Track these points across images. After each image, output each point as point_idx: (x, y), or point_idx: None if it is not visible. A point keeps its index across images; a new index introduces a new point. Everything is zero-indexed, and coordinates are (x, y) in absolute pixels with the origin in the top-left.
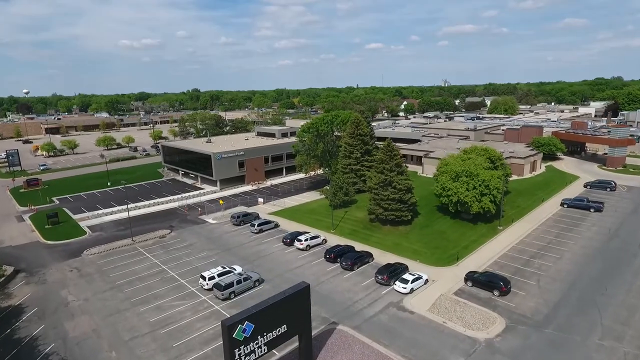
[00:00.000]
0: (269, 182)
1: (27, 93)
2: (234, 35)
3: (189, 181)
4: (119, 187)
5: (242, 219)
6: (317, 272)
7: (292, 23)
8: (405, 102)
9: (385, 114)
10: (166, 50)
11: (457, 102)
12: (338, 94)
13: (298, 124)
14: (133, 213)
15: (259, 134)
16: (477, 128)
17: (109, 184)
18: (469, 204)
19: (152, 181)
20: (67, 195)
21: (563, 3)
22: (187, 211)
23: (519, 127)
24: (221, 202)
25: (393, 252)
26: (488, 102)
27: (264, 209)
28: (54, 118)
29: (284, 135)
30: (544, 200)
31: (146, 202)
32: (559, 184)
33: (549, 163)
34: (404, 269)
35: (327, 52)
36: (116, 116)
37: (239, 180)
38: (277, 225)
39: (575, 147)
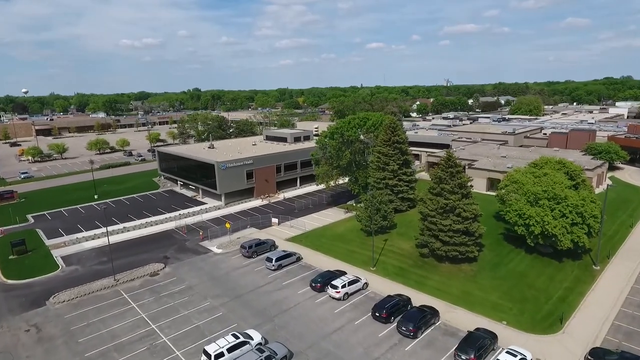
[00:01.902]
0: (282, 195)
1: (26, 93)
2: (235, 35)
3: (189, 193)
4: (108, 200)
5: (255, 250)
6: (367, 341)
7: (293, 23)
8: (417, 102)
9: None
10: (167, 50)
11: (470, 101)
12: (343, 93)
13: (310, 126)
14: (120, 237)
15: (268, 138)
16: (516, 132)
17: (95, 197)
18: (558, 237)
19: (147, 193)
20: (45, 212)
21: (565, 2)
22: (185, 233)
23: (566, 130)
24: (228, 225)
25: (464, 306)
26: (502, 102)
27: (279, 233)
28: (47, 118)
29: (297, 139)
30: (632, 225)
31: (137, 222)
32: (638, 201)
33: (610, 174)
34: (493, 339)
35: (328, 52)
36: (112, 117)
37: (247, 193)
38: (299, 259)
39: (634, 155)
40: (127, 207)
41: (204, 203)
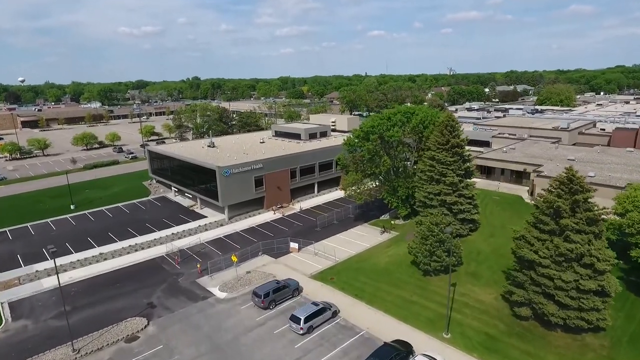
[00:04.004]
0: (297, 206)
1: (22, 81)
2: (234, 22)
3: (185, 202)
4: (87, 212)
5: (273, 298)
6: None
7: (294, 9)
8: (432, 92)
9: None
10: (166, 38)
11: (486, 90)
12: (349, 81)
13: (325, 120)
14: (93, 270)
15: (278, 134)
16: (571, 127)
17: (72, 207)
18: None
19: (134, 201)
20: (7, 228)
21: None
22: (178, 263)
23: (634, 125)
24: (234, 258)
25: None
26: (519, 90)
27: (301, 264)
28: (35, 109)
29: (312, 136)
30: None
31: (117, 245)
32: None
33: None
34: None
35: (329, 40)
36: (106, 107)
37: (256, 203)
38: (335, 313)
39: None
40: (108, 222)
41: (203, 216)
